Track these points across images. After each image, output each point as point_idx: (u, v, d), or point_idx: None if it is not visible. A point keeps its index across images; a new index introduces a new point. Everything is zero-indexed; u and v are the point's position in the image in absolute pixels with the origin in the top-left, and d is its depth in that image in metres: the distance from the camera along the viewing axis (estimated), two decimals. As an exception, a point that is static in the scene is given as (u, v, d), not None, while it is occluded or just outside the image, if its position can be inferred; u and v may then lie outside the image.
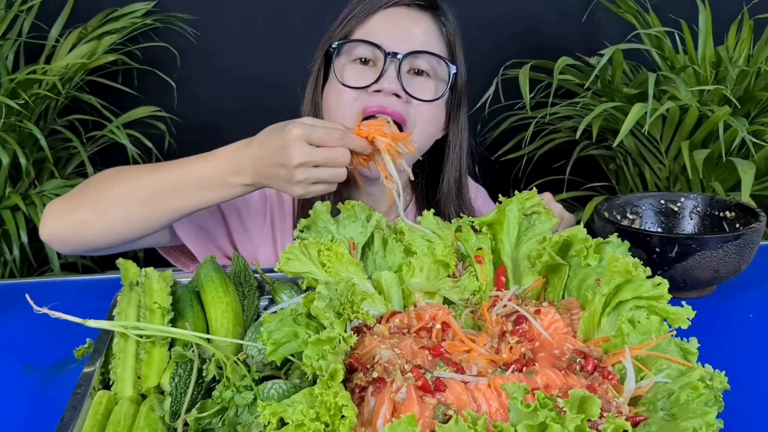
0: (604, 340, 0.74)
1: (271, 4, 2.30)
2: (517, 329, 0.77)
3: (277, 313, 0.73)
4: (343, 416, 0.59)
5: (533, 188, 0.95)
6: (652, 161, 2.15)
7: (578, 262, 0.85)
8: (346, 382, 0.67)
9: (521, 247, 0.92)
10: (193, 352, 0.77)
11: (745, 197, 1.68)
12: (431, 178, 1.30)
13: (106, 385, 0.79)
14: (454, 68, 1.18)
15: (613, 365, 0.70)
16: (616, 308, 0.75)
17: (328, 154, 0.95)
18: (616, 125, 2.03)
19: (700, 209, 1.24)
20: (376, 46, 1.13)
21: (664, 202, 1.26)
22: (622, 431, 0.57)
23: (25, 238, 1.95)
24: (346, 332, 0.70)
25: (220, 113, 2.35)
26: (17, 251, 1.97)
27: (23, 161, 1.94)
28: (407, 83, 1.13)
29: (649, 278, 0.74)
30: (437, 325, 0.78)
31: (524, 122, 2.19)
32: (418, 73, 1.16)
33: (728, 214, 1.21)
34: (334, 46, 1.17)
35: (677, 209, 1.25)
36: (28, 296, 0.78)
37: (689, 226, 1.25)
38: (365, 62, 1.15)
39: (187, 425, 0.70)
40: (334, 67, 1.17)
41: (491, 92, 2.06)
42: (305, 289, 0.88)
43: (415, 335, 0.77)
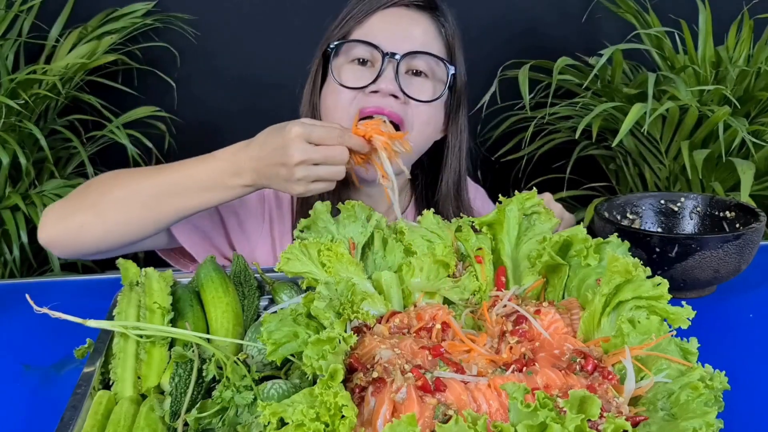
0: (604, 340, 0.74)
1: (271, 4, 2.30)
2: (517, 329, 0.77)
3: (277, 313, 0.73)
4: (343, 416, 0.59)
5: (533, 188, 0.95)
6: (652, 161, 2.15)
7: (578, 262, 0.85)
8: (346, 382, 0.67)
9: (521, 247, 0.92)
10: (193, 352, 0.77)
11: (744, 197, 1.68)
12: (431, 179, 1.30)
13: (106, 385, 0.79)
14: (452, 69, 1.18)
15: (613, 365, 0.70)
16: (616, 308, 0.75)
17: (327, 152, 0.96)
18: (615, 125, 2.03)
19: (700, 209, 1.24)
20: (373, 46, 1.13)
21: (664, 202, 1.26)
22: (622, 431, 0.57)
23: (25, 238, 1.95)
24: (346, 332, 0.70)
25: (220, 113, 2.36)
26: (17, 251, 1.97)
27: (23, 161, 1.94)
28: (405, 84, 1.13)
29: (649, 278, 0.74)
30: (437, 325, 0.78)
31: (524, 122, 2.19)
32: (416, 73, 1.16)
33: (728, 214, 1.20)
34: (332, 46, 1.17)
35: (677, 209, 1.25)
36: (28, 296, 0.77)
37: (689, 226, 1.25)
38: (363, 63, 1.15)
39: (187, 425, 0.70)
40: (331, 67, 1.17)
41: (491, 93, 2.06)
42: (305, 289, 0.88)
43: (415, 335, 0.77)
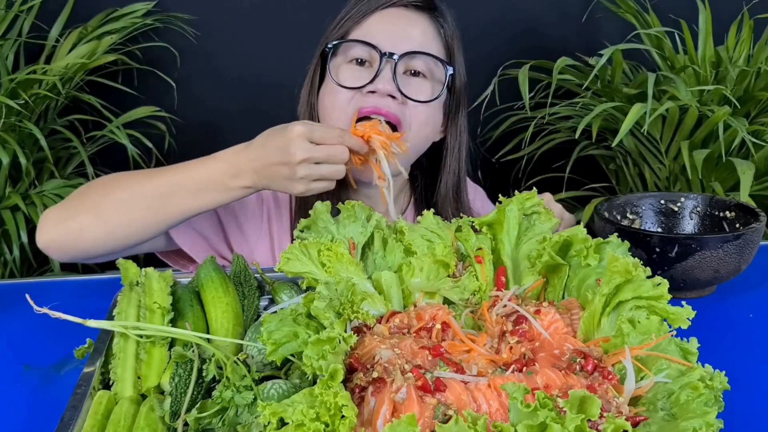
0: (604, 340, 0.74)
1: (271, 4, 2.30)
2: (517, 329, 0.77)
3: (277, 313, 0.73)
4: (343, 416, 0.59)
5: (533, 188, 0.95)
6: (652, 161, 2.15)
7: (578, 262, 0.85)
8: (346, 382, 0.67)
9: (521, 247, 0.92)
10: (193, 352, 0.77)
11: (744, 197, 1.68)
12: (430, 180, 1.30)
13: (106, 385, 0.79)
14: (451, 69, 1.17)
15: (613, 365, 0.70)
16: (616, 308, 0.75)
17: (329, 150, 0.98)
18: (615, 125, 2.03)
19: (700, 209, 1.24)
20: (371, 46, 1.13)
21: (664, 202, 1.26)
22: (622, 431, 0.57)
23: (25, 238, 1.95)
24: (346, 332, 0.70)
25: (220, 113, 2.36)
26: (17, 251, 1.97)
27: (23, 161, 1.94)
28: (403, 84, 1.13)
29: (649, 278, 0.74)
30: (437, 325, 0.78)
31: (524, 122, 2.19)
32: (414, 74, 1.16)
33: (728, 214, 1.20)
34: (330, 46, 1.17)
35: (677, 209, 1.25)
36: (28, 296, 0.77)
37: (689, 226, 1.25)
38: (361, 63, 1.15)
39: (187, 425, 0.70)
40: (329, 67, 1.16)
41: (488, 92, 2.06)
42: (305, 289, 0.88)
43: (415, 335, 0.77)
